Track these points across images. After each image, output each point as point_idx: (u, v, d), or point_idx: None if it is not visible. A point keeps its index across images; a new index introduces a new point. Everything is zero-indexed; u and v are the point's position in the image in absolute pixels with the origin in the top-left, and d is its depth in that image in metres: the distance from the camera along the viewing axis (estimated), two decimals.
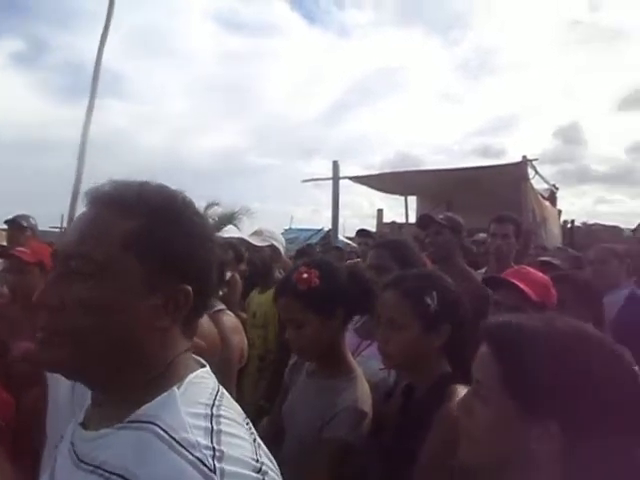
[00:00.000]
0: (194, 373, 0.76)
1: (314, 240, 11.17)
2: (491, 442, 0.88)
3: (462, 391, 1.14)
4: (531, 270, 2.13)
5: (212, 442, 0.65)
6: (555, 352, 0.83)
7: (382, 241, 2.50)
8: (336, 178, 7.46)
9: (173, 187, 0.81)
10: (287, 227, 14.56)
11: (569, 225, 10.72)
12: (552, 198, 8.45)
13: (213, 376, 0.80)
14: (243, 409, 0.80)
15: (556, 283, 2.08)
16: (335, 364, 1.59)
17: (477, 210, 6.58)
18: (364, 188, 8.79)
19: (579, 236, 11.40)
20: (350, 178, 7.84)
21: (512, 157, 6.79)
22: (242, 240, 3.24)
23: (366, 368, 1.71)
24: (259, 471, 0.66)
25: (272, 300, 1.69)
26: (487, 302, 2.08)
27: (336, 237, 7.90)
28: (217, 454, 0.63)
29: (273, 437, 1.65)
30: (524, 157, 6.65)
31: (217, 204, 13.22)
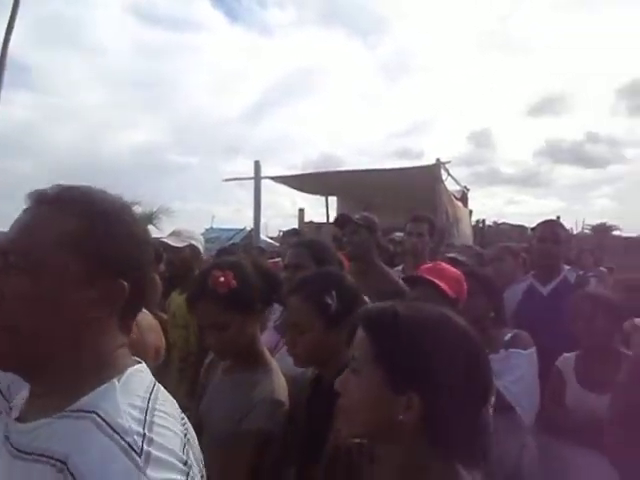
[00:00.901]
0: (133, 367, 0.80)
1: (236, 240, 11.09)
2: (364, 413, 0.97)
3: None
4: (446, 266, 2.26)
5: (144, 429, 0.70)
6: (419, 335, 0.95)
7: (300, 240, 2.58)
8: (257, 178, 7.47)
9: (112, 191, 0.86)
10: (208, 227, 14.37)
11: (480, 225, 11.37)
12: (464, 199, 8.88)
13: (149, 372, 0.84)
14: None
15: (468, 275, 2.25)
16: (252, 358, 1.65)
17: (395, 210, 6.82)
18: (287, 188, 8.86)
19: (489, 235, 12.12)
20: (271, 178, 7.86)
21: (430, 159, 7.06)
22: (160, 241, 3.19)
23: (285, 363, 1.77)
24: (185, 463, 0.72)
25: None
26: (403, 298, 2.20)
27: (258, 237, 7.91)
28: (146, 439, 0.69)
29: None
30: (438, 160, 6.96)
31: (136, 203, 12.75)
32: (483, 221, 12.55)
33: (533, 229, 3.24)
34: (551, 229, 2.95)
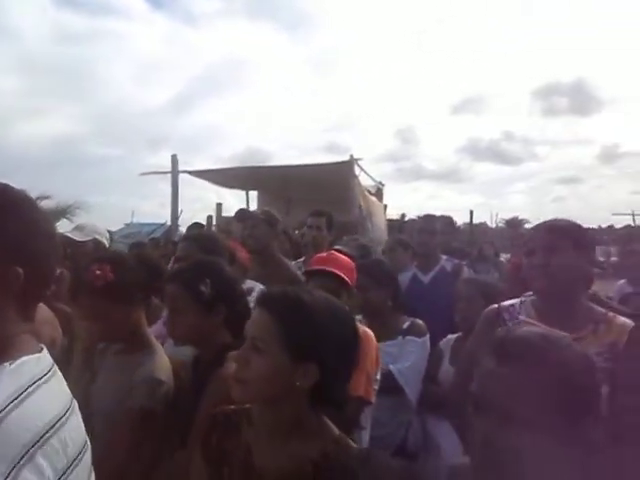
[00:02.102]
0: (32, 355, 0.84)
1: (157, 234, 10.93)
2: (267, 383, 1.15)
3: (233, 356, 1.43)
4: (339, 255, 2.45)
5: (8, 405, 0.74)
6: (319, 316, 1.16)
7: (190, 234, 2.71)
8: (175, 172, 7.46)
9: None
10: (128, 222, 14.06)
11: (400, 219, 11.86)
12: (379, 194, 9.22)
13: (49, 360, 0.90)
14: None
15: (358, 272, 2.48)
16: (137, 342, 1.78)
17: (312, 204, 7.00)
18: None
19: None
20: (189, 172, 7.85)
21: (357, 154, 7.28)
22: (62, 235, 3.20)
23: (175, 351, 1.91)
24: (34, 444, 0.76)
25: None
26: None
27: (176, 231, 7.89)
28: (2, 414, 0.73)
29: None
30: (351, 156, 7.22)
31: (47, 197, 12.24)
32: (402, 215, 13.11)
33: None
34: (428, 222, 3.27)
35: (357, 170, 7.23)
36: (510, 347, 0.94)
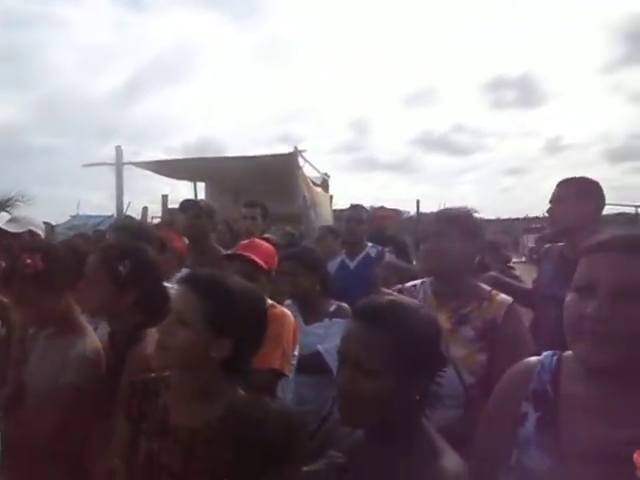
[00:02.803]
0: None
1: (104, 226, 10.77)
2: (186, 353, 1.34)
3: (151, 333, 1.60)
4: (260, 242, 2.63)
5: None
6: (236, 299, 1.36)
7: (120, 224, 2.83)
8: (119, 164, 7.44)
9: None
10: (74, 214, 13.76)
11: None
12: (324, 185, 9.44)
13: None
14: None
15: (286, 260, 2.67)
16: (68, 326, 1.90)
17: (261, 196, 7.12)
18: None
19: None
20: (134, 164, 7.83)
21: (311, 144, 7.45)
22: None
23: (105, 333, 2.05)
24: None
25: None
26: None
27: None
28: None
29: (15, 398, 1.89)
30: (295, 148, 7.40)
31: None
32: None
33: (345, 210, 3.76)
34: (355, 212, 3.52)
35: (301, 161, 7.43)
36: (366, 311, 1.14)
